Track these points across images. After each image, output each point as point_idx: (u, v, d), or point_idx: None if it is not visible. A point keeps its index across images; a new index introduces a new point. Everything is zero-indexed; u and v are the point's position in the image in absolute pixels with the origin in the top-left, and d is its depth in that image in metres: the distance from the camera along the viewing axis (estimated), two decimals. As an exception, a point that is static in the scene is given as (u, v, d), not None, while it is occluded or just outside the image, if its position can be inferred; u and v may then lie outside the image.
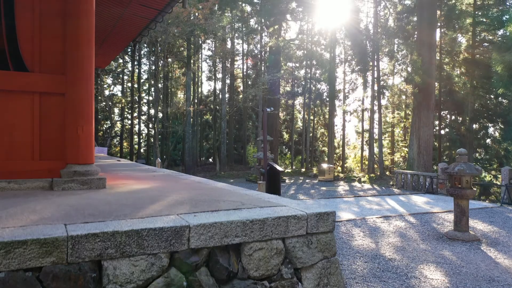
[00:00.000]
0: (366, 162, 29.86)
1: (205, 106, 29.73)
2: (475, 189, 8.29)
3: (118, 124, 34.02)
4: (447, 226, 9.62)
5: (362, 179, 20.93)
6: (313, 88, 30.33)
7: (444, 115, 26.36)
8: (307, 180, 21.88)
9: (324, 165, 21.78)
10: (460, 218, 8.26)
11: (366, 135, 30.25)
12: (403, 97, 30.24)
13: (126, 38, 10.59)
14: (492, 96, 22.86)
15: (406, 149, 26.42)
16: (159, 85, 28.62)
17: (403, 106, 32.72)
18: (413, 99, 20.91)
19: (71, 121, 3.94)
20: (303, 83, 33.71)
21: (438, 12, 22.77)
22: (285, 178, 21.20)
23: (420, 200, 14.35)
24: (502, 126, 22.38)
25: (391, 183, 19.23)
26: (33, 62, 3.86)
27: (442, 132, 25.96)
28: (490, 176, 27.36)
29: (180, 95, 35.89)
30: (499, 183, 25.01)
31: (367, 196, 15.44)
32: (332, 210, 3.21)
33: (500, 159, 24.28)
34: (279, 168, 6.67)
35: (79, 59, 3.93)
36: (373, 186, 19.19)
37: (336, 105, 30.17)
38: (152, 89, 29.79)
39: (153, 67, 29.09)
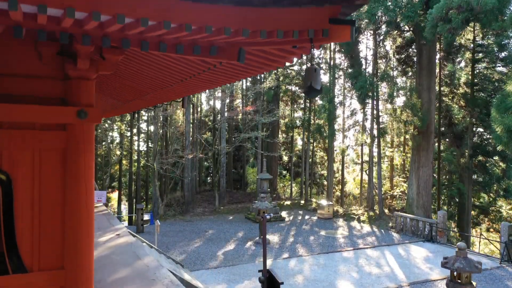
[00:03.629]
0: (366, 186, 29.85)
1: (204, 154, 29.82)
2: (474, 283, 8.27)
3: (117, 151, 33.98)
4: (446, 308, 9.60)
5: (361, 218, 20.93)
6: (312, 115, 30.40)
7: (443, 137, 26.25)
8: (306, 217, 21.87)
9: (324, 202, 21.83)
10: (460, 314, 8.23)
11: (366, 157, 30.21)
12: (401, 125, 30.24)
13: (126, 111, 10.75)
14: (490, 127, 22.84)
15: (405, 185, 26.42)
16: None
17: (402, 131, 32.71)
18: (412, 141, 20.92)
19: (70, 313, 3.92)
20: (302, 106, 33.92)
21: (438, 45, 22.76)
22: (284, 217, 21.19)
23: (419, 255, 14.31)
24: (501, 164, 22.43)
25: (390, 224, 19.23)
26: (32, 262, 3.84)
27: (442, 154, 25.85)
28: (489, 199, 27.38)
29: (179, 113, 35.92)
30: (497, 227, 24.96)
31: (366, 248, 15.41)
32: None
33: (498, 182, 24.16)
34: (279, 280, 6.65)
35: (80, 254, 3.92)
36: (373, 228, 19.18)
37: (335, 129, 30.16)
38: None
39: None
